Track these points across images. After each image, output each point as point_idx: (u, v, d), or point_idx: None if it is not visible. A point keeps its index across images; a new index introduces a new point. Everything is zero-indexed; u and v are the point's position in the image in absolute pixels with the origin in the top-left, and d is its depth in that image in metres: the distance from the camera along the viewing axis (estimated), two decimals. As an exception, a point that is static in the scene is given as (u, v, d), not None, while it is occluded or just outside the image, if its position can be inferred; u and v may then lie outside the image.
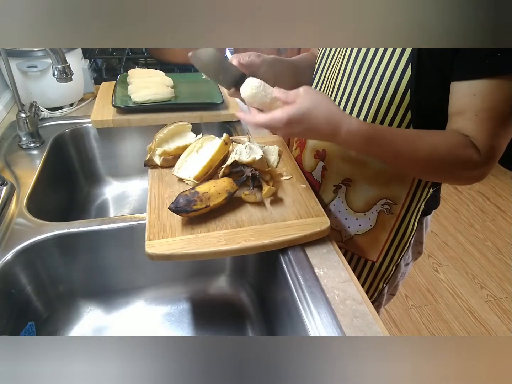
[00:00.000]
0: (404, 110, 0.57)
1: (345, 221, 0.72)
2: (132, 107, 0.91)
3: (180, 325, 0.70)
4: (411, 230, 0.68)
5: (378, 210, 0.68)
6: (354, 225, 0.71)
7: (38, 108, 0.90)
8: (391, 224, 0.68)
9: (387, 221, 0.68)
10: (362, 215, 0.69)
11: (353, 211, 0.70)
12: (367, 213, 0.69)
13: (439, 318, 1.61)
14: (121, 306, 0.71)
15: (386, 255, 0.71)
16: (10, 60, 0.80)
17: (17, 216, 0.63)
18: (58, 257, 0.63)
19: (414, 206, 0.66)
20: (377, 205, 0.67)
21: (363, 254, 0.73)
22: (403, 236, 0.69)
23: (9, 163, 0.77)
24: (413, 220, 0.67)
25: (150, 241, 0.53)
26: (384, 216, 0.68)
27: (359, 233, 0.71)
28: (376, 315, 0.49)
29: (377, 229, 0.69)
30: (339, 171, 0.69)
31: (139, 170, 1.02)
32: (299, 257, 0.57)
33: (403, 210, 0.67)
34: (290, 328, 0.55)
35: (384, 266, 0.73)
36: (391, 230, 0.69)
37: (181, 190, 0.64)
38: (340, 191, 0.70)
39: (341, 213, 0.71)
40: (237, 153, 0.63)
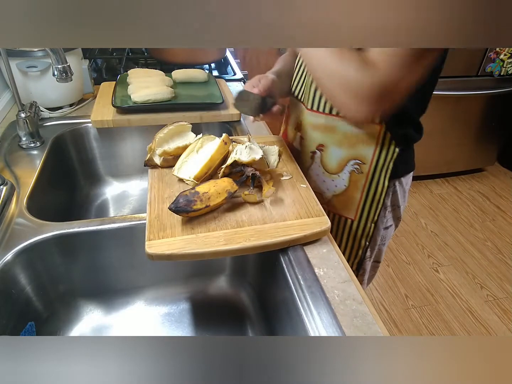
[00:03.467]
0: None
1: (323, 184, 0.80)
2: (132, 107, 0.91)
3: (180, 325, 0.70)
4: (381, 189, 0.75)
5: (350, 171, 0.75)
6: (331, 186, 0.79)
7: (38, 108, 0.90)
8: (362, 183, 0.75)
9: (358, 180, 0.75)
10: (336, 177, 0.77)
11: (328, 173, 0.78)
12: (340, 174, 0.76)
13: (439, 318, 1.61)
14: (121, 306, 0.71)
15: (362, 213, 0.79)
16: (10, 60, 0.80)
17: (17, 216, 0.63)
18: (58, 257, 0.63)
19: (381, 164, 0.72)
20: (348, 166, 0.75)
21: (342, 213, 0.82)
22: (375, 195, 0.76)
23: (9, 163, 0.77)
24: (383, 179, 0.74)
25: (150, 241, 0.53)
26: (355, 176, 0.75)
27: (336, 194, 0.80)
28: (376, 315, 0.49)
29: (350, 188, 0.77)
30: (312, 139, 0.77)
31: (139, 170, 1.02)
32: (299, 257, 0.57)
33: (371, 169, 0.73)
34: (290, 328, 0.55)
35: (362, 223, 0.80)
36: (363, 188, 0.76)
37: (181, 190, 0.64)
38: (316, 156, 0.78)
39: (319, 176, 0.80)
40: (237, 153, 0.63)
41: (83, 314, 0.69)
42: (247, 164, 0.63)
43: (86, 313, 0.69)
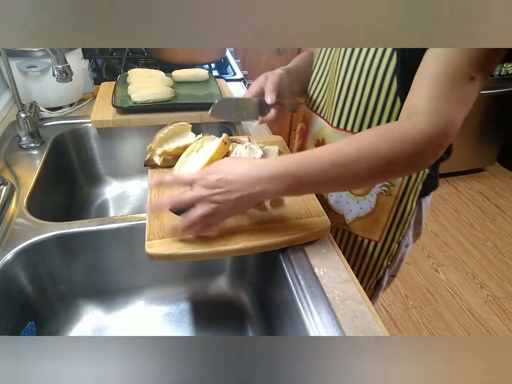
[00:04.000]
0: (393, 98, 0.60)
1: (347, 205, 0.75)
2: (132, 107, 0.91)
3: (180, 325, 0.70)
4: (409, 210, 0.71)
5: (377, 192, 0.70)
6: (355, 208, 0.74)
7: (38, 108, 0.90)
8: (390, 205, 0.71)
9: (386, 202, 0.71)
10: (362, 198, 0.72)
11: (353, 195, 0.73)
12: (366, 196, 0.72)
13: (439, 318, 1.61)
14: (121, 306, 0.71)
15: (388, 234, 0.75)
16: (10, 60, 0.80)
17: (17, 216, 0.63)
18: (58, 257, 0.63)
19: (411, 186, 0.69)
20: (376, 188, 0.70)
21: (365, 235, 0.77)
22: (403, 216, 0.72)
23: (9, 163, 0.77)
24: (411, 200, 0.70)
25: (150, 241, 0.53)
26: (383, 198, 0.71)
27: (360, 216, 0.74)
28: (376, 315, 0.49)
29: (377, 210, 0.72)
30: None
31: (139, 170, 1.02)
32: (299, 257, 0.57)
33: (401, 191, 0.69)
34: (290, 328, 0.55)
35: (387, 244, 0.76)
36: (391, 211, 0.72)
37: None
38: None
39: (343, 198, 0.75)
40: (236, 153, 0.63)
41: (83, 314, 0.69)
42: None
43: (86, 313, 0.69)
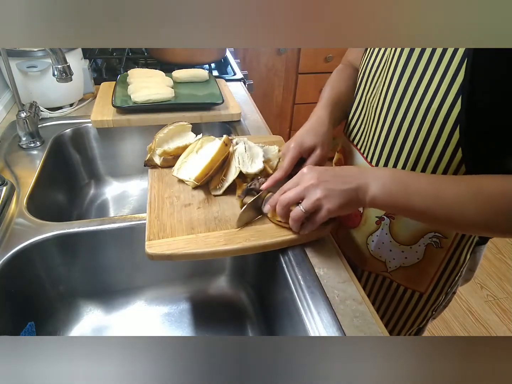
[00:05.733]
0: (453, 148, 0.50)
1: (389, 253, 0.66)
2: (132, 107, 0.91)
3: (180, 325, 0.70)
4: (462, 262, 0.63)
5: (426, 243, 0.62)
6: (400, 257, 0.65)
7: (38, 108, 0.90)
8: (441, 257, 0.62)
9: (436, 254, 0.62)
10: (408, 248, 0.63)
11: (398, 244, 0.64)
12: (413, 246, 0.63)
13: (439, 318, 1.61)
14: (121, 306, 0.71)
15: (436, 287, 0.67)
16: (10, 60, 0.80)
17: (17, 216, 0.63)
18: (58, 257, 0.63)
19: (467, 239, 0.60)
20: (425, 238, 0.61)
21: (409, 285, 0.68)
22: (454, 268, 0.64)
23: (9, 163, 0.77)
24: (465, 252, 0.62)
25: (150, 241, 0.53)
26: (433, 250, 0.62)
27: (405, 265, 0.66)
28: (375, 315, 0.49)
29: (425, 262, 0.64)
30: None
31: (139, 170, 1.02)
32: (299, 257, 0.57)
33: (454, 243, 0.60)
34: (290, 328, 0.55)
35: (433, 297, 0.68)
36: (441, 263, 0.63)
37: (181, 190, 0.64)
38: (384, 223, 0.64)
39: (385, 245, 0.66)
40: (239, 162, 0.63)
41: (83, 314, 0.69)
42: (257, 177, 0.63)
43: (86, 313, 0.69)
